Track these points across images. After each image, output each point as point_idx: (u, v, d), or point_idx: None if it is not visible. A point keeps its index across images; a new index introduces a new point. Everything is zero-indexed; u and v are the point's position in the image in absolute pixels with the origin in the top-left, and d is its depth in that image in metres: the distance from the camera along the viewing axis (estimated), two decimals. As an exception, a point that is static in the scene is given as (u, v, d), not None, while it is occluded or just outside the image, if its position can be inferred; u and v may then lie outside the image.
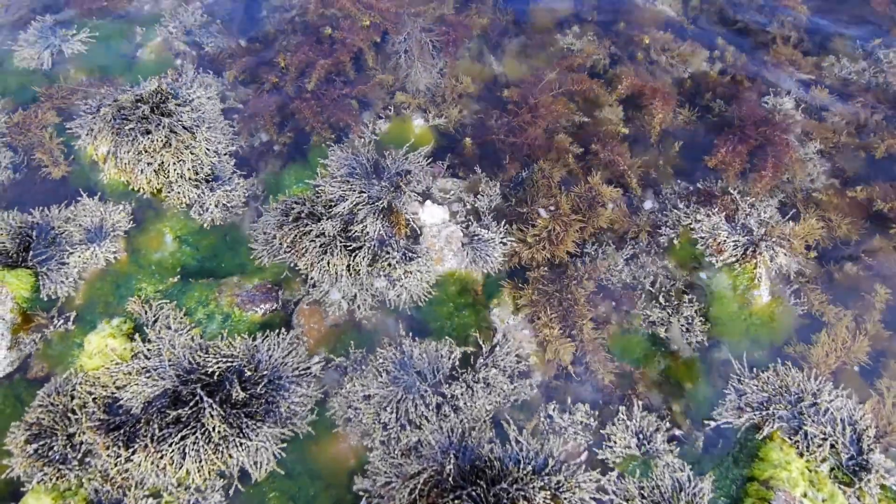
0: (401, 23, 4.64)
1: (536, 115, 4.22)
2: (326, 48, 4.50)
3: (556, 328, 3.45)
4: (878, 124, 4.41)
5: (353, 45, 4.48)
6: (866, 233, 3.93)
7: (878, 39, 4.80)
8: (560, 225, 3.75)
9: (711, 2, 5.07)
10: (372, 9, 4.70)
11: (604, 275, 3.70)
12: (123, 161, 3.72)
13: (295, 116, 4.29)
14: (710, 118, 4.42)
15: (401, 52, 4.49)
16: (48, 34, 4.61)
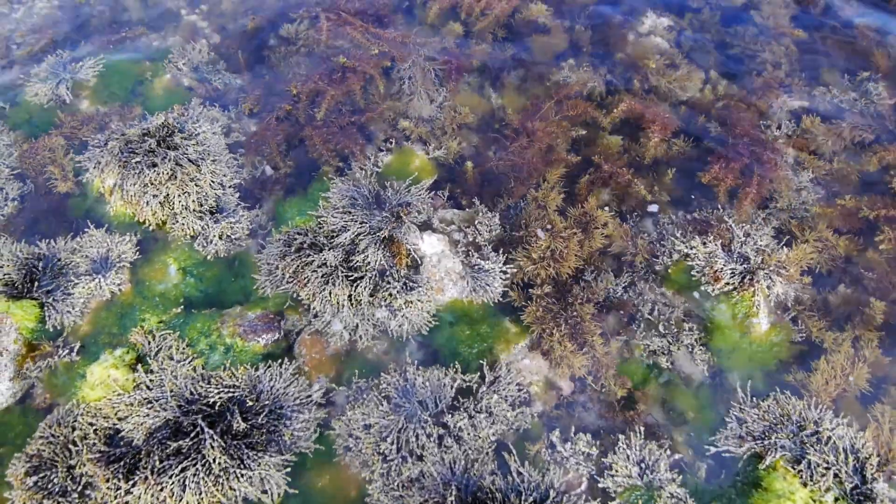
0: (407, 51, 4.80)
1: (533, 139, 4.33)
2: (337, 77, 4.65)
3: (569, 343, 3.49)
4: (869, 146, 4.54)
5: (363, 72, 4.63)
6: (858, 251, 4.01)
7: (867, 73, 4.93)
8: (560, 241, 3.83)
9: (705, 31, 5.21)
10: (380, 38, 4.88)
11: (602, 299, 3.75)
12: (129, 193, 3.80)
13: (305, 143, 4.40)
14: (704, 144, 4.51)
15: (405, 78, 4.65)
16: (60, 70, 4.74)
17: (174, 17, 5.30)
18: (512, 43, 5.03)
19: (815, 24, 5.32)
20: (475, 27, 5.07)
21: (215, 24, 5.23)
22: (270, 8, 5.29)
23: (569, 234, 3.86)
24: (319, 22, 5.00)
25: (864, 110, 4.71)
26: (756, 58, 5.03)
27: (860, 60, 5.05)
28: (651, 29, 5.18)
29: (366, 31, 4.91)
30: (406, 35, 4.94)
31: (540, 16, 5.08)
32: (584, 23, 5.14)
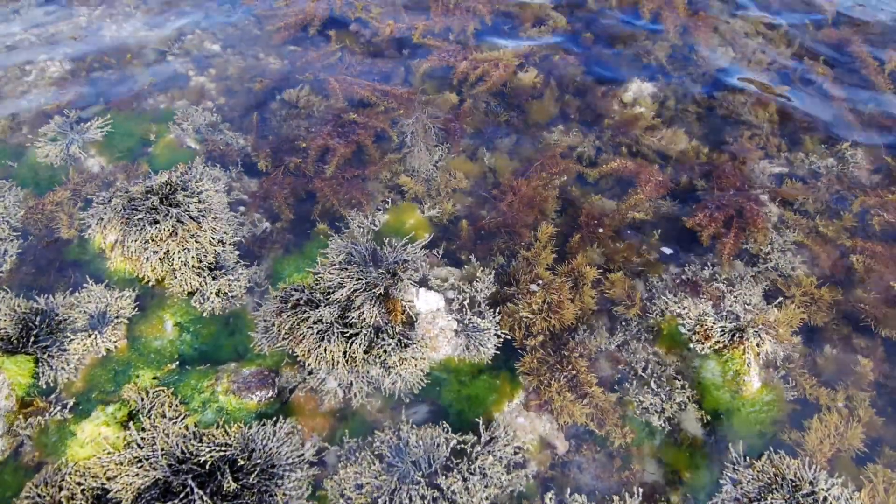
0: (412, 108, 5.08)
1: (522, 199, 4.51)
2: (346, 133, 4.85)
3: (569, 394, 3.51)
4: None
5: (373, 127, 4.86)
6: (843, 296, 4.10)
7: (847, 143, 5.16)
8: (554, 293, 3.90)
9: (688, 96, 5.48)
10: (388, 95, 5.16)
11: (595, 354, 3.80)
12: (130, 249, 3.87)
13: (314, 196, 4.56)
14: (691, 205, 4.67)
15: (407, 133, 4.90)
16: (67, 130, 4.90)
17: (182, 79, 5.53)
18: (505, 108, 5.27)
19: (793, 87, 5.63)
20: (472, 91, 5.31)
21: (222, 86, 5.45)
22: (276, 72, 5.55)
23: (559, 284, 3.94)
24: (328, 84, 5.24)
25: (841, 174, 4.91)
26: (739, 121, 5.28)
27: (840, 126, 5.31)
28: (636, 94, 5.44)
29: (373, 90, 5.17)
30: (412, 92, 5.21)
31: (532, 83, 5.35)
32: (572, 91, 5.41)
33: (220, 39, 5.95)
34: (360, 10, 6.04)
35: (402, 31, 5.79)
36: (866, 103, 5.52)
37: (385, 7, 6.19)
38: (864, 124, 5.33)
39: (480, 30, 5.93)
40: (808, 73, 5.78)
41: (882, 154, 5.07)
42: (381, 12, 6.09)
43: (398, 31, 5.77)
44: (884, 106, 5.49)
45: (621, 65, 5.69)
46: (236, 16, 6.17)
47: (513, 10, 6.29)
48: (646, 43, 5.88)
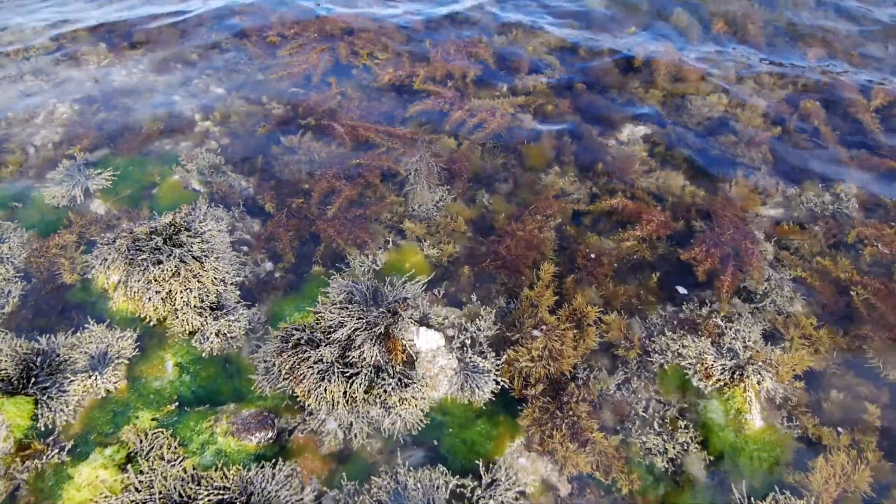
0: (415, 147, 5.23)
1: (520, 241, 4.56)
2: (351, 175, 4.97)
3: (571, 444, 3.47)
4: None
5: (377, 166, 4.98)
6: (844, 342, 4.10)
7: (842, 183, 5.25)
8: (556, 340, 3.88)
9: (678, 143, 5.61)
10: (392, 136, 5.30)
11: (597, 398, 3.77)
12: (133, 290, 3.90)
13: (318, 237, 4.61)
14: (689, 244, 4.72)
15: (411, 171, 5.02)
16: (75, 172, 5.00)
17: (188, 121, 5.67)
18: (503, 152, 5.38)
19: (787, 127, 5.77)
20: (470, 137, 5.44)
21: (226, 128, 5.59)
22: (279, 116, 5.69)
23: (563, 331, 3.94)
24: (331, 129, 5.37)
25: (836, 213, 4.99)
26: (734, 162, 5.39)
27: (835, 167, 5.42)
28: (630, 136, 5.58)
29: (376, 131, 5.32)
30: (414, 132, 5.35)
31: (530, 128, 5.50)
32: (567, 135, 5.54)
33: (225, 83, 6.12)
34: (366, 57, 6.24)
35: (402, 79, 5.96)
36: (858, 144, 5.64)
37: (390, 54, 6.40)
38: (857, 163, 5.43)
39: (481, 74, 6.12)
40: (801, 114, 5.91)
41: (875, 191, 5.17)
42: (386, 58, 6.28)
43: (400, 78, 5.94)
44: (873, 144, 5.62)
45: (614, 110, 5.84)
46: (242, 63, 6.37)
47: (510, 56, 6.50)
48: (638, 90, 6.05)
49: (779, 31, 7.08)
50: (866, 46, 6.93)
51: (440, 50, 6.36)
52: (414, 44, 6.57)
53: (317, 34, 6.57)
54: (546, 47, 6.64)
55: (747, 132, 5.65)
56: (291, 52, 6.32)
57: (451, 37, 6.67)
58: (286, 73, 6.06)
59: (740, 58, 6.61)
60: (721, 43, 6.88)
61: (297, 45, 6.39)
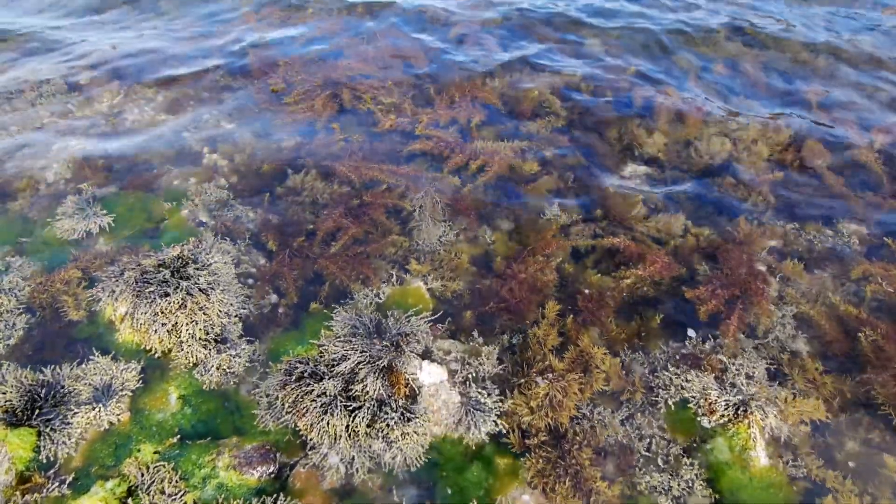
0: (419, 183, 5.37)
1: (522, 281, 4.59)
2: (357, 214, 5.05)
3: (574, 500, 3.42)
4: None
5: (381, 204, 5.09)
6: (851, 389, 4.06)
7: (843, 220, 5.30)
8: (559, 390, 3.85)
9: (683, 181, 5.70)
10: (396, 174, 5.44)
11: (602, 443, 3.74)
12: (140, 322, 3.94)
13: (320, 275, 4.64)
14: (695, 282, 4.73)
15: (416, 206, 5.13)
16: (84, 206, 5.10)
17: (196, 156, 5.80)
18: (504, 193, 5.47)
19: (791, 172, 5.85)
20: (473, 182, 5.53)
21: (234, 164, 5.71)
22: (285, 155, 5.80)
23: (569, 381, 3.90)
24: (334, 169, 5.48)
25: (839, 251, 5.02)
26: (737, 204, 5.45)
27: (839, 205, 5.47)
28: (630, 178, 5.69)
29: (380, 170, 5.46)
30: (419, 169, 5.47)
31: (531, 170, 5.61)
32: (568, 177, 5.64)
33: (235, 120, 6.29)
34: (370, 101, 6.41)
35: (405, 125, 6.11)
36: (861, 185, 5.71)
37: (394, 97, 6.57)
38: (862, 203, 5.48)
39: (485, 119, 6.25)
40: (803, 156, 6.00)
41: (880, 233, 5.19)
42: (391, 102, 6.44)
43: (403, 124, 6.09)
44: (876, 187, 5.67)
45: (614, 153, 5.94)
46: (251, 104, 6.55)
47: (512, 101, 6.64)
48: (639, 132, 6.17)
49: (777, 73, 7.24)
50: (864, 87, 7.07)
51: (444, 96, 6.52)
52: (418, 88, 6.74)
53: (322, 80, 6.77)
54: (549, 88, 6.82)
55: (749, 175, 5.72)
56: (297, 97, 6.51)
57: (455, 79, 6.85)
58: (292, 117, 6.22)
59: (740, 99, 6.75)
60: (721, 84, 7.03)
61: (302, 92, 6.57)
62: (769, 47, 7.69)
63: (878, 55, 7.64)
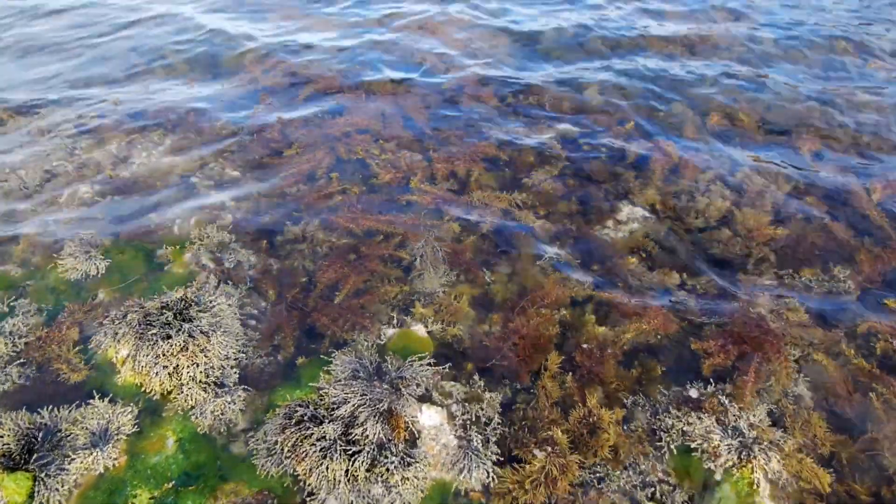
0: (418, 232, 5.43)
1: (521, 333, 4.57)
2: (356, 264, 5.09)
3: None
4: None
5: (378, 255, 5.13)
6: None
7: (838, 267, 5.32)
8: (557, 467, 3.72)
9: (680, 231, 5.74)
10: (393, 223, 5.50)
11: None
12: (141, 364, 3.94)
13: (321, 326, 4.62)
14: (696, 336, 4.69)
15: (417, 255, 5.16)
16: (87, 247, 5.16)
17: (201, 201, 5.91)
18: (502, 241, 5.53)
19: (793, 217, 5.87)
20: (471, 229, 5.59)
21: (238, 209, 5.81)
22: (286, 204, 5.88)
23: (568, 461, 3.76)
24: (332, 221, 5.54)
25: (841, 302, 5.00)
26: (738, 259, 5.43)
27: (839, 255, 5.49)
28: (629, 215, 5.78)
29: (378, 220, 5.54)
30: (416, 217, 5.56)
31: (528, 220, 5.68)
32: (565, 223, 5.70)
33: (240, 167, 6.43)
34: (360, 152, 6.54)
35: (400, 180, 6.19)
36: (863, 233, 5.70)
37: (392, 144, 6.72)
38: (865, 254, 5.44)
39: (482, 170, 6.34)
40: (805, 207, 6.02)
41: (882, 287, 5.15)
42: (390, 157, 6.53)
43: (397, 180, 6.17)
44: (880, 239, 5.66)
45: (610, 203, 5.98)
46: (256, 153, 6.72)
47: (510, 153, 6.78)
48: (635, 184, 6.24)
49: (774, 124, 7.36)
50: (860, 137, 7.18)
51: (442, 151, 6.62)
52: (418, 142, 6.86)
53: (322, 132, 6.93)
54: (548, 137, 6.97)
55: (748, 228, 5.70)
56: (298, 149, 6.64)
57: (453, 133, 6.97)
58: (296, 167, 6.32)
59: (737, 151, 6.82)
60: (718, 136, 7.12)
61: (303, 145, 6.71)
62: (764, 97, 7.90)
63: (874, 104, 7.82)
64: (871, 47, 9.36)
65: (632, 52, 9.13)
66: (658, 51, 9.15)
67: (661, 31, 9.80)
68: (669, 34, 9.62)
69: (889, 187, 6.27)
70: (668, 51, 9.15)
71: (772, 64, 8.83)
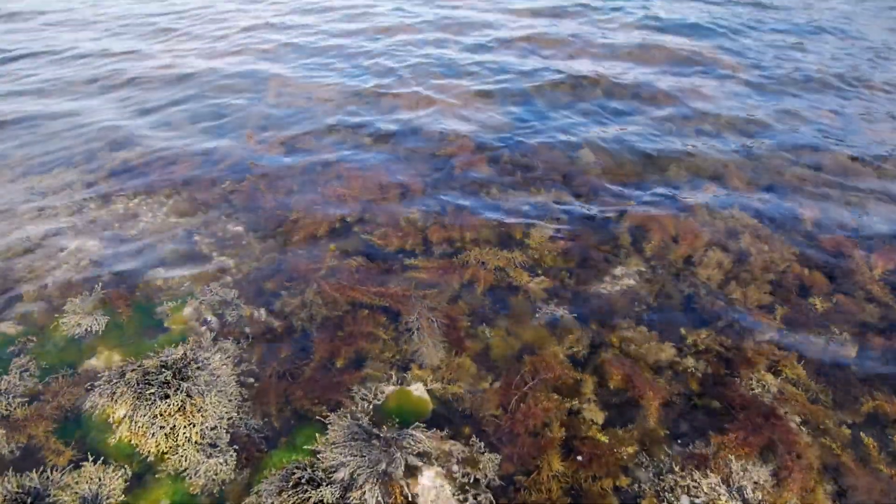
0: (410, 304, 5.33)
1: (519, 421, 4.40)
2: (347, 337, 5.04)
3: None
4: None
5: (365, 333, 5.07)
6: None
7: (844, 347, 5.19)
8: None
9: (668, 309, 5.76)
10: (384, 296, 5.44)
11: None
12: (138, 424, 3.90)
13: (311, 389, 4.55)
14: (699, 412, 4.57)
15: (413, 329, 5.07)
16: (90, 307, 5.19)
17: (204, 258, 5.98)
18: (499, 297, 5.59)
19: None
20: (466, 293, 5.63)
21: (240, 267, 5.88)
22: (283, 274, 5.94)
23: None
24: (322, 290, 5.52)
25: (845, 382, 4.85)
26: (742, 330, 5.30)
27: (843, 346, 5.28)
28: (624, 272, 5.86)
29: (368, 292, 5.48)
30: (406, 289, 5.53)
31: (522, 281, 5.72)
32: (560, 288, 5.74)
33: (244, 223, 6.55)
34: (354, 223, 6.58)
35: (395, 246, 6.23)
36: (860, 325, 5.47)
37: (388, 209, 6.82)
38: (868, 338, 5.27)
39: (477, 237, 6.41)
40: (804, 284, 5.87)
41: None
42: (384, 231, 6.53)
43: (393, 243, 6.20)
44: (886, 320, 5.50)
45: (606, 267, 5.98)
46: (260, 212, 6.87)
47: (506, 217, 6.98)
48: (629, 250, 6.24)
49: (772, 187, 7.41)
50: (858, 205, 7.15)
51: (438, 217, 6.70)
52: (423, 212, 6.87)
53: (321, 198, 7.05)
54: (546, 200, 7.11)
55: (748, 303, 5.60)
56: (297, 214, 6.74)
57: (449, 200, 7.10)
58: (296, 234, 6.41)
59: (734, 216, 6.82)
60: (716, 199, 7.15)
61: (301, 209, 6.80)
62: (758, 164, 8.04)
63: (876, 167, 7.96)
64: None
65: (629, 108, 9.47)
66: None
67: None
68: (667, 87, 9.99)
69: (890, 260, 6.06)
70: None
71: (762, 134, 9.12)
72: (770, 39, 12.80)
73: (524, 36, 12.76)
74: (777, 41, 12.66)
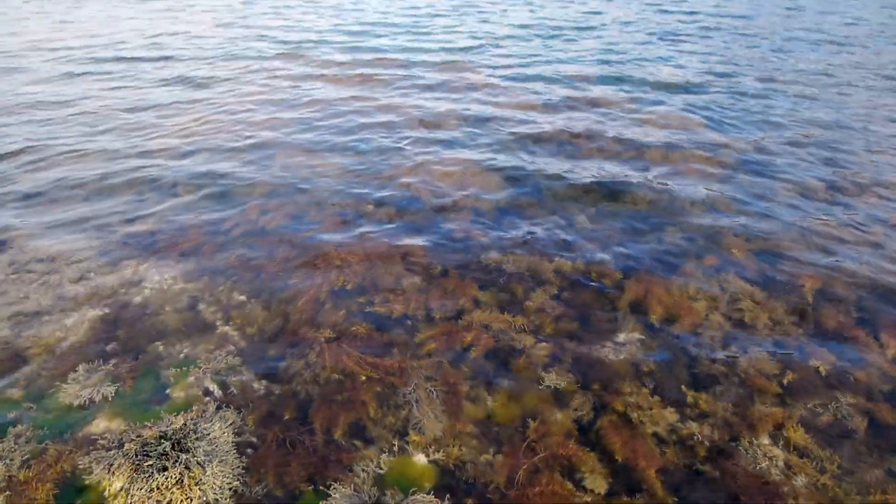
0: (406, 377, 5.32)
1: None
2: (345, 403, 5.02)
3: None
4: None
5: (359, 401, 5.03)
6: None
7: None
8: None
9: (669, 374, 5.75)
10: (377, 367, 5.43)
11: None
12: (135, 498, 3.85)
13: (313, 460, 4.50)
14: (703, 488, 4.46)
15: (412, 402, 5.03)
16: (92, 376, 5.22)
17: (207, 325, 6.05)
18: (499, 361, 5.59)
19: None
20: (469, 355, 5.66)
21: (244, 334, 5.93)
22: (291, 326, 6.02)
23: None
24: (322, 356, 5.55)
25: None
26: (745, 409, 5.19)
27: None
28: (626, 340, 5.87)
29: (362, 361, 5.44)
30: (403, 360, 5.52)
31: (524, 344, 5.74)
32: (563, 344, 5.77)
33: (247, 291, 6.65)
34: (345, 283, 6.66)
35: (393, 315, 6.30)
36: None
37: (388, 280, 6.93)
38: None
39: (473, 304, 6.48)
40: (809, 356, 5.78)
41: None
42: (387, 289, 6.63)
43: (394, 311, 6.24)
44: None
45: (603, 332, 6.00)
46: (264, 276, 6.99)
47: (506, 279, 7.07)
48: (628, 318, 6.23)
49: (771, 260, 7.40)
50: (858, 274, 7.11)
51: (436, 287, 6.78)
52: (429, 280, 6.92)
53: (321, 272, 7.14)
54: (543, 264, 7.22)
55: (750, 380, 5.47)
56: (300, 279, 6.85)
57: (447, 266, 7.19)
58: (296, 300, 6.49)
59: (733, 289, 6.78)
60: (716, 269, 7.15)
61: (304, 274, 6.94)
62: (757, 241, 8.02)
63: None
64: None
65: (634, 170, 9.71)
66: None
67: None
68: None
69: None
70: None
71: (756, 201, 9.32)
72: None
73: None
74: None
